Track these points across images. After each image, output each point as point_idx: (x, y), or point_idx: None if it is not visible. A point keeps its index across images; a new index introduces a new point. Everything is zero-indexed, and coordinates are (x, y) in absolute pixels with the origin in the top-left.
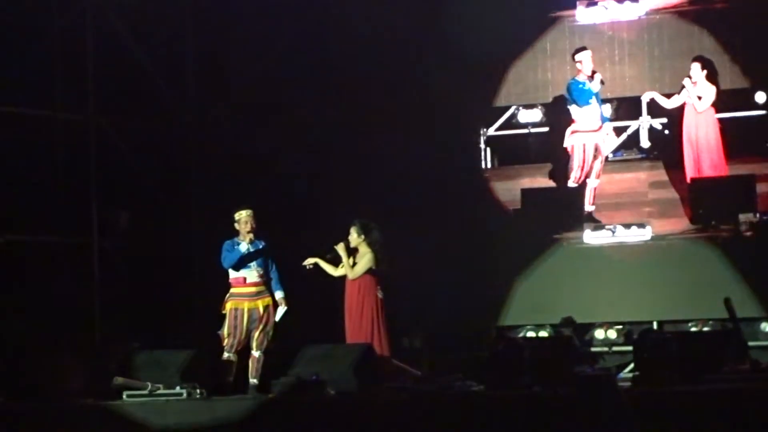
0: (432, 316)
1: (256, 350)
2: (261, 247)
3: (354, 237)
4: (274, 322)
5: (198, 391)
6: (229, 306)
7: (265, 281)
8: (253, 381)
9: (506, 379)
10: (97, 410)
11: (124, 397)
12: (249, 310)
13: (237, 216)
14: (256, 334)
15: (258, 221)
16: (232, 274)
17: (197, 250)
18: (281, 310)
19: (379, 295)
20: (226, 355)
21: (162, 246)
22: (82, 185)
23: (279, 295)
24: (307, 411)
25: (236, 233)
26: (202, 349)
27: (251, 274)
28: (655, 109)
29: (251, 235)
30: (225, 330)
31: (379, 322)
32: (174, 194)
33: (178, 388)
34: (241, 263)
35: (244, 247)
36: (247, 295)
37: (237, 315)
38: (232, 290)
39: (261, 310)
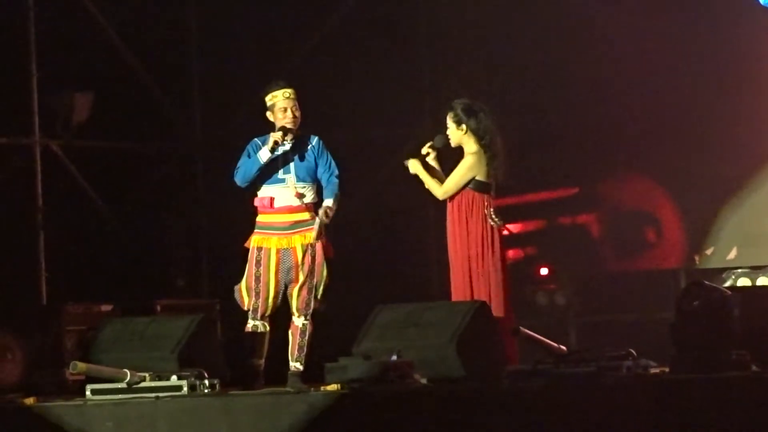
0: (580, 258)
1: (299, 316)
2: (309, 148)
3: (452, 128)
4: (325, 270)
5: (206, 382)
6: (251, 243)
7: (312, 204)
8: (295, 365)
9: (706, 355)
10: (43, 415)
11: (88, 393)
12: (279, 252)
13: (269, 100)
14: (296, 290)
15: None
16: (257, 193)
17: (202, 151)
18: (317, 221)
19: (495, 221)
20: (250, 323)
21: (143, 147)
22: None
23: (326, 202)
24: (384, 410)
25: (272, 127)
26: (212, 315)
27: (283, 192)
28: None
29: (277, 135)
30: (243, 283)
31: (497, 268)
32: (166, 66)
33: (174, 378)
34: (264, 175)
35: (264, 154)
36: (277, 228)
37: (261, 259)
38: (258, 218)
39: (299, 252)
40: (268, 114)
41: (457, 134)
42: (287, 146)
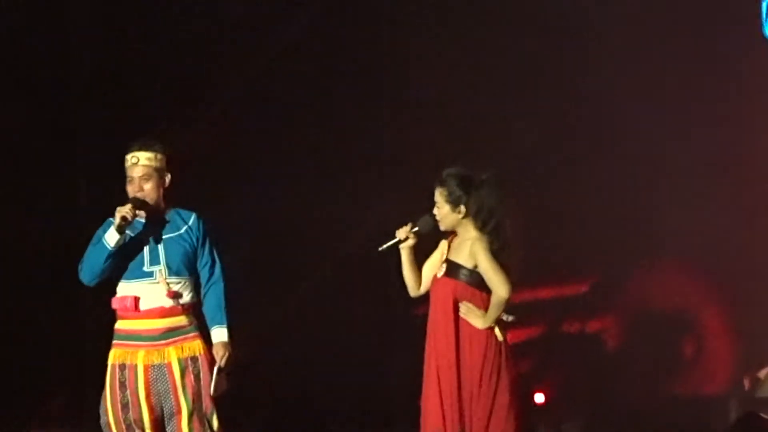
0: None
1: None
2: (184, 231)
3: (446, 210)
4: (213, 387)
5: None
6: (110, 359)
7: (191, 305)
8: None
9: None
10: None
11: None
12: (149, 369)
13: (127, 162)
14: (184, 425)
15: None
16: (117, 292)
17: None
18: (216, 371)
19: (501, 331)
20: None
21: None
22: None
23: (218, 333)
24: None
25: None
26: None
27: (151, 290)
28: None
29: (125, 209)
30: (110, 416)
31: (504, 389)
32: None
33: None
34: (123, 265)
35: (112, 236)
36: (144, 337)
37: (126, 380)
38: (118, 325)
39: (177, 369)
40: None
41: (451, 218)
42: (145, 227)
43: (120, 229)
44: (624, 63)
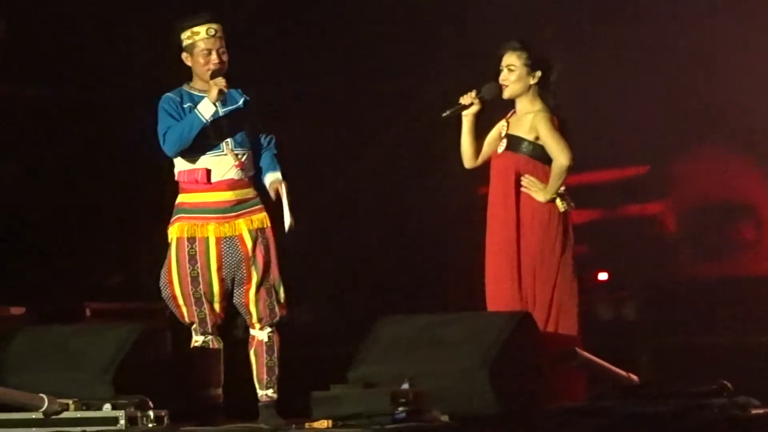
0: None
1: (262, 327)
2: (242, 104)
3: (521, 73)
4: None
5: (151, 413)
6: (175, 233)
7: (253, 176)
8: (266, 393)
9: None
10: None
11: None
12: (221, 241)
13: (187, 38)
14: (251, 293)
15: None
16: (180, 165)
17: (141, 102)
18: (287, 219)
19: (569, 203)
20: (197, 339)
21: (62, 96)
22: None
23: (273, 175)
24: None
25: (186, 76)
26: (160, 324)
27: (221, 163)
28: None
29: (222, 82)
30: (177, 288)
31: (567, 267)
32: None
33: (108, 407)
34: (202, 142)
35: (207, 108)
36: (215, 210)
37: (196, 253)
38: (183, 198)
39: (248, 240)
40: (184, 56)
41: (523, 82)
42: (221, 109)
43: (216, 103)
44: None
